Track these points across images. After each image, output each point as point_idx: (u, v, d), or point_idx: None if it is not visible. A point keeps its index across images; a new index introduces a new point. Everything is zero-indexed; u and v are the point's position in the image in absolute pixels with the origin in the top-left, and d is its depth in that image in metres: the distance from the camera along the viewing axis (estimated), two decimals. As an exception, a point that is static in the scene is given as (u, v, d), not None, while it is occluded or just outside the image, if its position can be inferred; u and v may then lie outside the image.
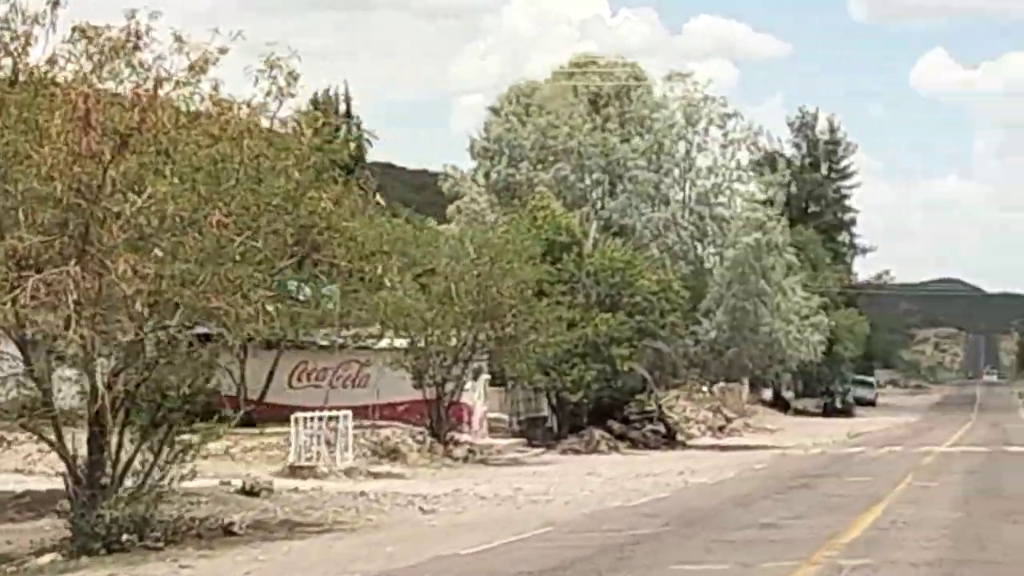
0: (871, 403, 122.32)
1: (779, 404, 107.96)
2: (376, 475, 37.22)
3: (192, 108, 20.66)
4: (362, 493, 28.09)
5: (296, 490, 28.02)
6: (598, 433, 55.32)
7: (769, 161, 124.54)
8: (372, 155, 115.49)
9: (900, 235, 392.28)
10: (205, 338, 21.79)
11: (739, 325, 59.86)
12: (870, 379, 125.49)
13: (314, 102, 74.48)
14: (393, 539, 19.71)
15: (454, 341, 45.41)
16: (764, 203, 62.46)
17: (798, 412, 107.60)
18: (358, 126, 74.24)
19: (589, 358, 52.64)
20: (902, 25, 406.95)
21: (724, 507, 22.62)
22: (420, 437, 44.85)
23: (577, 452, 51.49)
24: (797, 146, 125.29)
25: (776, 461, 40.90)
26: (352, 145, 73.68)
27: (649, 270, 55.66)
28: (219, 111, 20.68)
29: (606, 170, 60.82)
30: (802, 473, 32.91)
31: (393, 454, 43.37)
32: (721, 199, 61.31)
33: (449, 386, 45.56)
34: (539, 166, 60.32)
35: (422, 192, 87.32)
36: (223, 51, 20.55)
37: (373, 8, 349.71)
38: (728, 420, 77.42)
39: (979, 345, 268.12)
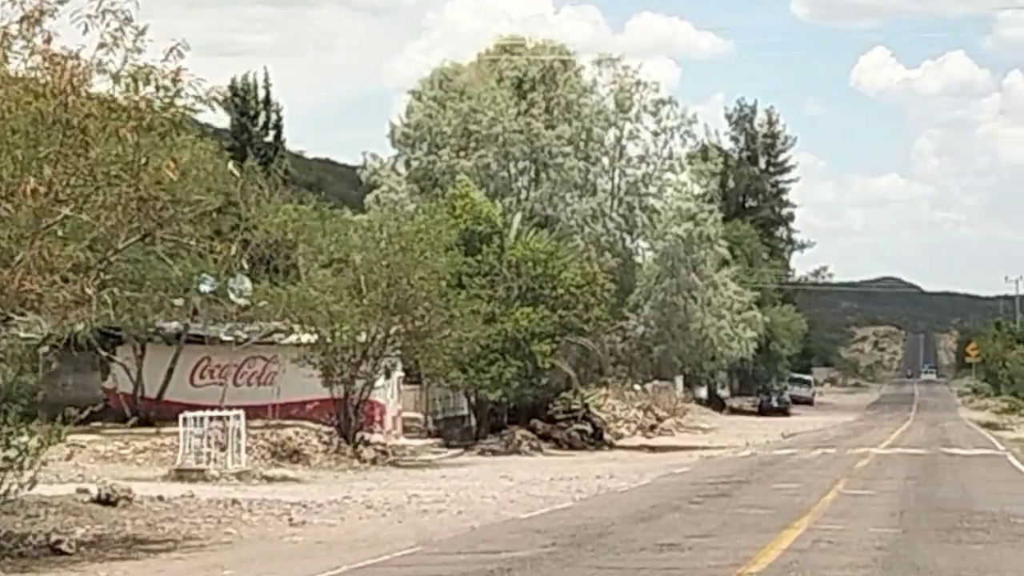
0: (808, 402, 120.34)
1: (714, 403, 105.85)
2: (270, 479, 34.91)
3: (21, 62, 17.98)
4: (234, 501, 25.19)
5: (161, 498, 25.09)
6: (520, 433, 53.09)
7: (704, 154, 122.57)
8: (312, 151, 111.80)
9: (840, 233, 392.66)
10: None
11: (668, 321, 57.33)
12: (807, 377, 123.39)
13: (232, 88, 71.99)
14: (237, 560, 16.94)
15: (364, 336, 42.79)
16: (700, 197, 59.85)
17: (734, 411, 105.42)
18: (277, 112, 71.50)
19: (509, 354, 50.12)
20: (844, 24, 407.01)
21: (625, 522, 19.85)
22: (327, 438, 42.44)
23: (496, 453, 49.09)
24: (735, 139, 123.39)
25: (700, 464, 38.37)
26: (271, 132, 72.02)
27: (574, 262, 53.07)
28: (49, 66, 17.90)
29: (531, 158, 58.19)
30: (725, 478, 30.30)
31: (295, 456, 40.99)
32: (652, 189, 58.71)
33: (358, 383, 43.06)
34: (461, 153, 57.55)
35: (360, 188, 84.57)
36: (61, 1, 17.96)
37: (314, 5, 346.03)
38: (659, 419, 75.03)
39: (918, 343, 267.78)
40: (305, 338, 43.38)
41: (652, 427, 72.43)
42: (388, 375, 45.94)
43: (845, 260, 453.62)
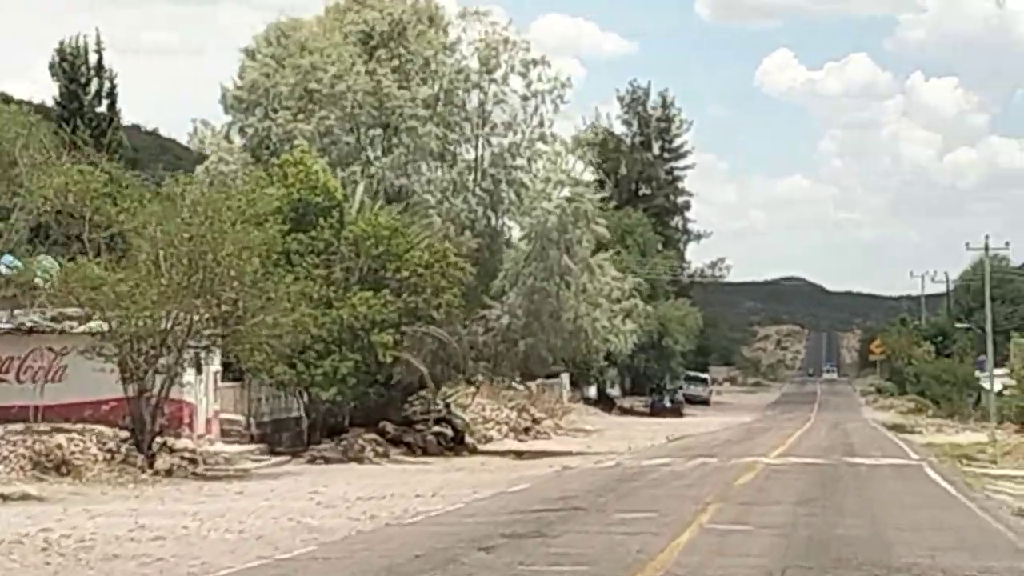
0: (705, 402, 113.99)
1: (604, 403, 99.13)
2: (7, 498, 27.81)
3: None
4: None
5: None
6: (367, 437, 46.23)
7: (598, 138, 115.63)
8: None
9: (744, 234, 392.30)
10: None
11: (537, 310, 49.98)
12: (704, 376, 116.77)
13: (59, 51, 64.15)
14: None
15: (165, 323, 35.64)
16: (585, 184, 52.60)
17: (624, 411, 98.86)
18: (111, 80, 63.82)
19: (345, 346, 42.94)
20: (747, 25, 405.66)
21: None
22: (115, 444, 35.39)
23: (329, 461, 42.40)
24: (628, 124, 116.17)
25: (549, 479, 31.08)
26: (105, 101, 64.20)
27: (428, 241, 45.89)
28: None
29: (381, 122, 50.64)
30: (562, 502, 23.08)
31: (63, 467, 33.91)
32: (520, 161, 51.36)
33: (158, 379, 35.92)
34: (300, 116, 49.95)
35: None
36: None
37: (218, 3, 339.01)
38: (536, 421, 68.19)
39: (821, 342, 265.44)
40: (95, 325, 36.36)
41: (527, 429, 65.67)
42: (199, 370, 38.84)
43: (749, 260, 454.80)
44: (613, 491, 25.18)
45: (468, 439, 54.31)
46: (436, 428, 52.60)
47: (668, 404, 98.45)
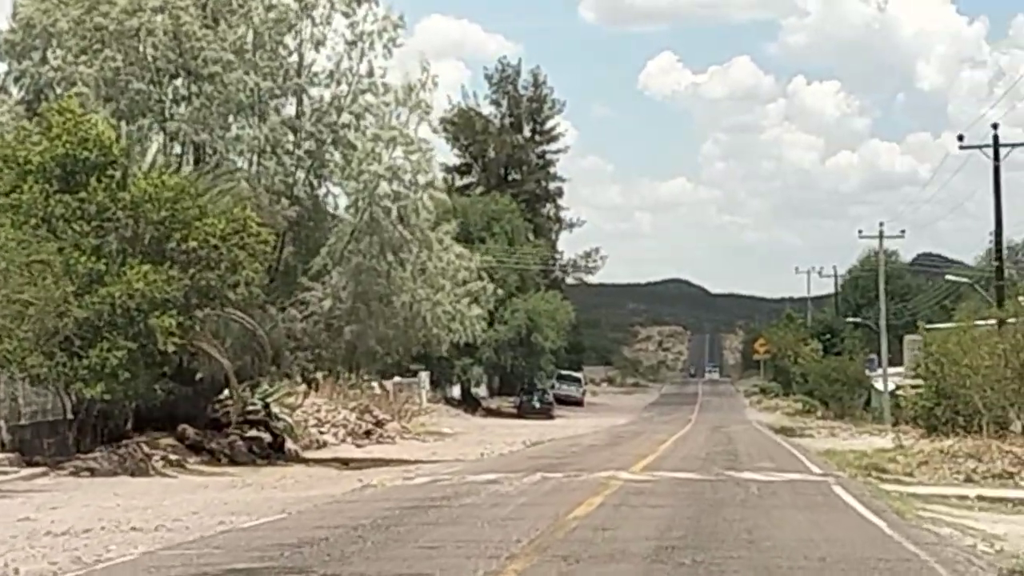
0: (578, 402, 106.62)
1: (468, 403, 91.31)
2: None
3: None
4: None
5: None
6: (151, 445, 38.41)
7: (463, 119, 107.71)
8: None
9: (628, 236, 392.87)
10: None
11: (365, 292, 41.89)
12: (577, 375, 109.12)
13: None
14: None
15: None
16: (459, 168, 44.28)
17: (490, 413, 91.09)
18: None
19: (118, 332, 34.72)
20: (631, 29, 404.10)
21: None
22: None
23: (97, 473, 34.63)
24: (496, 104, 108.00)
25: (324, 505, 22.90)
26: None
27: (228, 207, 37.74)
28: None
29: (180, 66, 42.25)
30: (287, 552, 15.18)
31: None
32: (346, 117, 43.10)
33: None
34: (82, 57, 41.48)
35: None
36: None
37: None
38: (379, 424, 60.33)
39: (703, 343, 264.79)
40: None
41: (368, 433, 57.95)
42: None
43: (633, 263, 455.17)
44: (385, 531, 16.97)
45: (290, 445, 46.53)
46: (252, 432, 45.04)
47: (537, 405, 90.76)
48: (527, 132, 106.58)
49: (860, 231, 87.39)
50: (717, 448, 43.70)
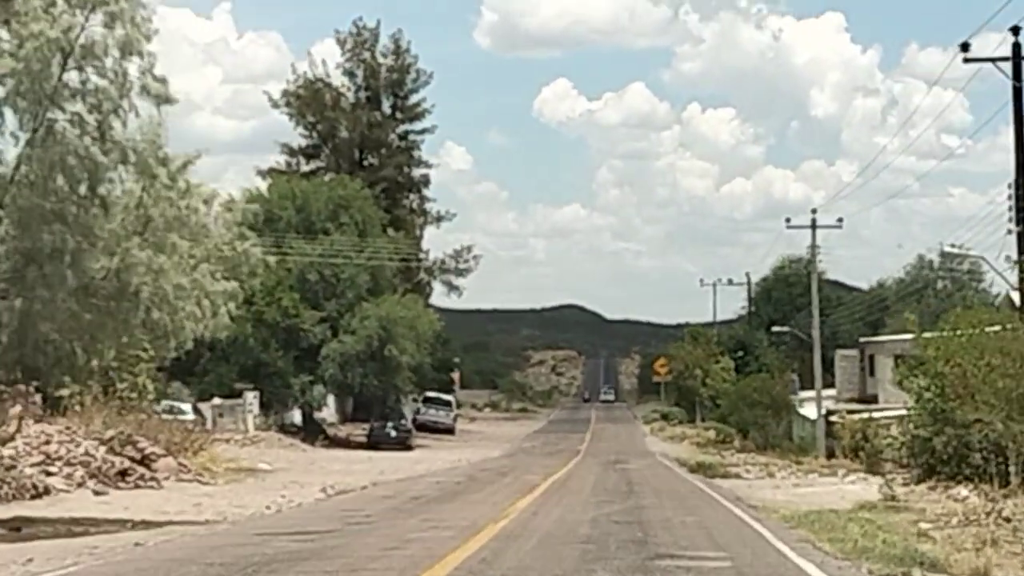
0: (449, 430, 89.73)
1: (309, 431, 74.17)
2: None
3: None
4: None
5: None
6: None
7: (310, 91, 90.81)
8: None
9: (523, 263, 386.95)
10: None
11: (36, 246, 25.13)
12: (448, 397, 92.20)
13: None
14: None
15: None
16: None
17: (336, 442, 73.96)
18: None
19: None
20: (526, 55, 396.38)
21: None
22: None
23: None
24: (351, 74, 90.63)
25: None
26: None
27: None
28: None
29: None
30: None
31: None
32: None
33: None
34: None
35: None
36: None
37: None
38: (145, 460, 43.27)
39: (598, 368, 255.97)
40: None
41: (124, 473, 40.94)
42: None
43: (528, 289, 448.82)
44: None
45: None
46: None
47: (392, 434, 73.71)
48: (386, 108, 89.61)
49: (788, 219, 70.82)
50: (612, 505, 27.01)
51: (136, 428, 45.23)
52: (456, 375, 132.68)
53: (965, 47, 38.18)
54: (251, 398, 68.58)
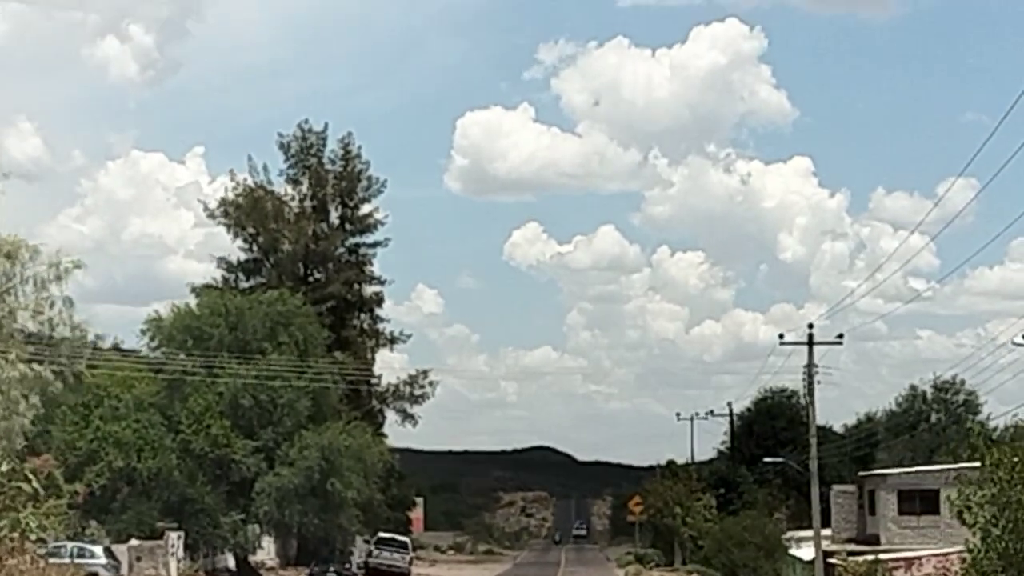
0: (403, 574, 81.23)
1: (243, 576, 65.98)
2: None
3: None
4: None
5: None
6: None
7: (249, 200, 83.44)
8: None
9: (494, 405, 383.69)
10: None
11: None
12: (402, 539, 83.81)
13: None
14: None
15: None
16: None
17: (270, 592, 65.97)
18: None
19: None
20: (497, 199, 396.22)
21: None
22: None
23: None
24: (295, 182, 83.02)
25: None
26: None
27: None
28: None
29: None
30: None
31: None
32: None
33: None
34: None
35: None
36: None
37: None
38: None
39: (569, 508, 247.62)
40: None
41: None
42: None
43: (499, 432, 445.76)
44: None
45: None
46: None
47: (339, 582, 65.48)
48: (334, 219, 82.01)
49: (781, 335, 62.35)
50: None
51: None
52: (419, 515, 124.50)
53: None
54: (175, 539, 60.56)
